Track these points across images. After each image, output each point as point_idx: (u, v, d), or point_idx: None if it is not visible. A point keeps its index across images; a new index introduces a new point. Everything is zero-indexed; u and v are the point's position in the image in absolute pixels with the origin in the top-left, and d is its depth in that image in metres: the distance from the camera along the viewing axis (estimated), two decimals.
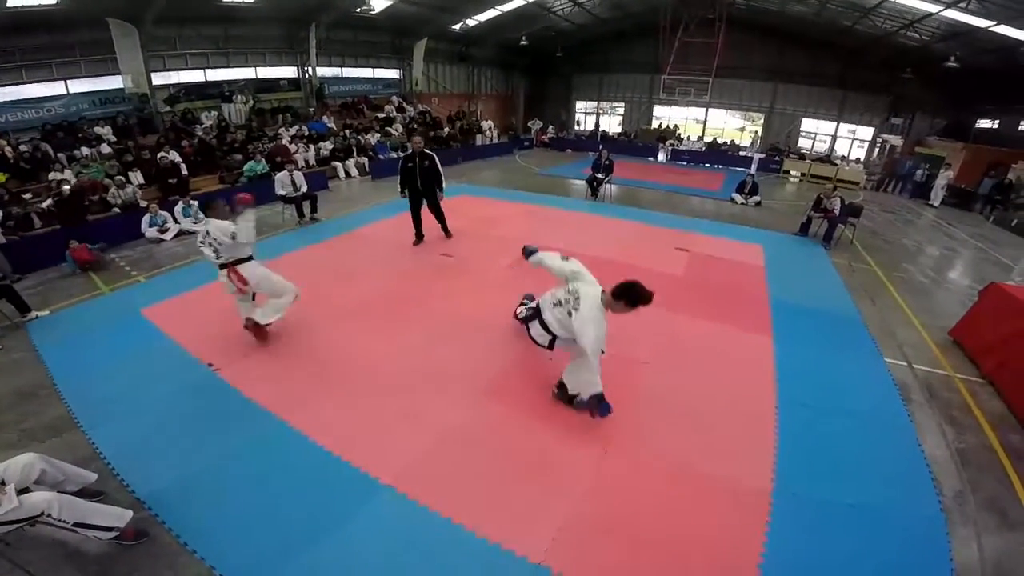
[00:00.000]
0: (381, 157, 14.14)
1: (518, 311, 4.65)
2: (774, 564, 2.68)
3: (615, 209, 10.70)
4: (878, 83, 18.66)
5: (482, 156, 17.84)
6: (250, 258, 4.54)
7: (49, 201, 8.44)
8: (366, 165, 13.61)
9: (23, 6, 9.50)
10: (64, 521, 2.55)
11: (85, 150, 10.29)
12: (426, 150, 7.30)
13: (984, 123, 16.34)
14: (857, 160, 19.34)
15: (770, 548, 2.77)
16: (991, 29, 11.73)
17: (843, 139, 21.02)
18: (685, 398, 4.12)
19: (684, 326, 5.36)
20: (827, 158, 18.43)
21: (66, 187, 8.47)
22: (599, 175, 11.48)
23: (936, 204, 13.69)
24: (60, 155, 9.94)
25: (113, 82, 11.77)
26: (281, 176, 8.89)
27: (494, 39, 21.91)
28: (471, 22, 18.86)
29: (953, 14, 11.90)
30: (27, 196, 8.78)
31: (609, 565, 2.66)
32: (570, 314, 3.34)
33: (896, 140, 17.87)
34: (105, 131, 11.09)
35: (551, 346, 3.74)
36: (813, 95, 20.64)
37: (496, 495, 3.08)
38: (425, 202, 7.53)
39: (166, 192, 9.41)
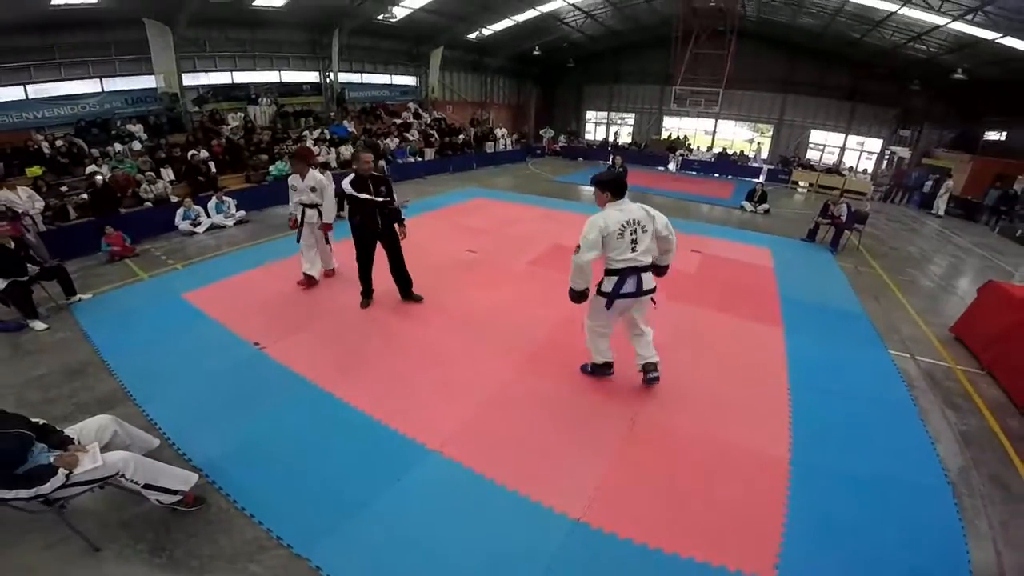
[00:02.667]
0: (399, 161, 14.61)
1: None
2: (797, 519, 2.90)
3: None
4: (887, 95, 18.91)
5: (495, 163, 18.19)
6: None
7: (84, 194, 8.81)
8: (385, 168, 13.97)
9: (67, 4, 9.83)
10: (135, 482, 2.61)
11: (118, 146, 10.70)
12: (375, 172, 5.12)
13: (992, 135, 16.44)
14: (864, 171, 19.57)
15: (792, 507, 3.00)
16: (998, 41, 11.96)
17: (852, 151, 21.24)
18: (703, 377, 4.39)
19: (698, 316, 5.65)
20: (835, 169, 18.66)
21: (99, 178, 8.84)
22: None
23: (940, 214, 13.89)
24: (94, 150, 10.32)
25: (145, 82, 12.23)
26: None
27: (508, 49, 22.39)
28: (486, 31, 19.32)
29: (960, 26, 12.15)
30: (63, 189, 9.14)
31: (644, 520, 2.87)
32: (645, 229, 3.53)
33: (904, 152, 18.11)
34: (137, 129, 11.51)
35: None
36: (822, 107, 20.91)
37: (535, 458, 3.32)
38: (383, 248, 5.32)
39: (196, 188, 9.77)
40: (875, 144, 20.52)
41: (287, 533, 2.73)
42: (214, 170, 10.56)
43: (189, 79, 12.93)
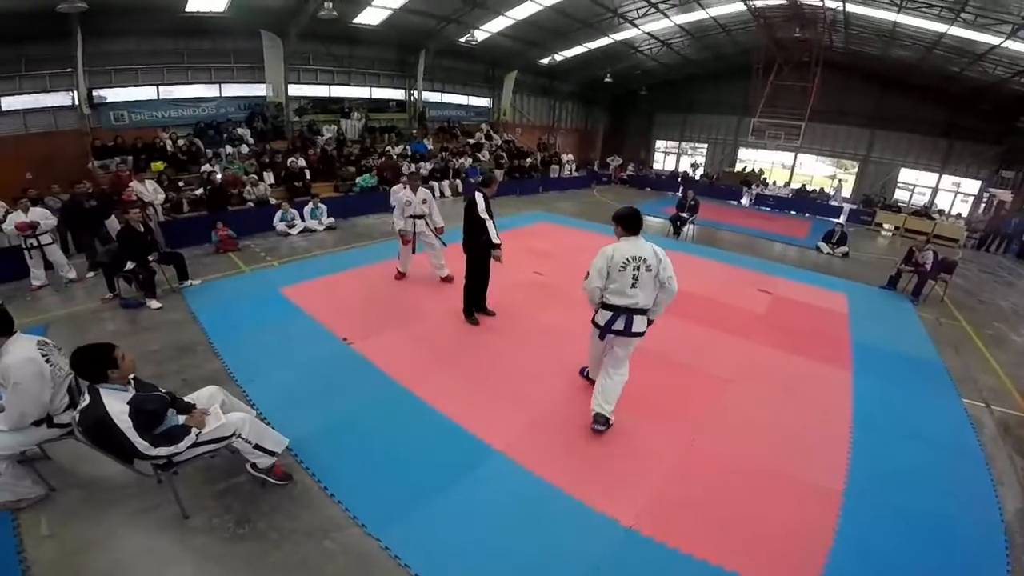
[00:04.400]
0: (472, 180, 15.18)
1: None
2: (842, 549, 2.96)
3: (697, 248, 10.82)
4: (988, 133, 17.44)
5: (559, 188, 18.19)
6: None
7: (201, 189, 9.95)
8: (459, 187, 14.69)
9: (198, 12, 11.08)
10: (248, 441, 2.90)
11: (229, 148, 11.90)
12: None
13: None
14: (958, 215, 18.11)
15: (839, 536, 3.06)
16: None
17: (945, 192, 19.72)
18: (764, 410, 4.44)
19: (765, 355, 5.62)
20: (924, 211, 17.39)
21: (218, 176, 9.93)
22: (683, 214, 11.71)
23: None
24: (208, 151, 11.57)
25: (256, 90, 13.48)
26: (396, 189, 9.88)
27: (579, 74, 22.70)
28: (558, 57, 19.70)
29: None
30: (180, 184, 10.32)
31: (692, 533, 3.01)
32: (650, 269, 3.50)
33: (1006, 195, 16.55)
34: (245, 133, 12.72)
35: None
36: (914, 143, 19.53)
37: (593, 467, 3.54)
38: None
39: (292, 193, 10.75)
40: (973, 186, 18.90)
41: (362, 513, 2.99)
42: (308, 177, 11.55)
43: (293, 90, 14.06)
